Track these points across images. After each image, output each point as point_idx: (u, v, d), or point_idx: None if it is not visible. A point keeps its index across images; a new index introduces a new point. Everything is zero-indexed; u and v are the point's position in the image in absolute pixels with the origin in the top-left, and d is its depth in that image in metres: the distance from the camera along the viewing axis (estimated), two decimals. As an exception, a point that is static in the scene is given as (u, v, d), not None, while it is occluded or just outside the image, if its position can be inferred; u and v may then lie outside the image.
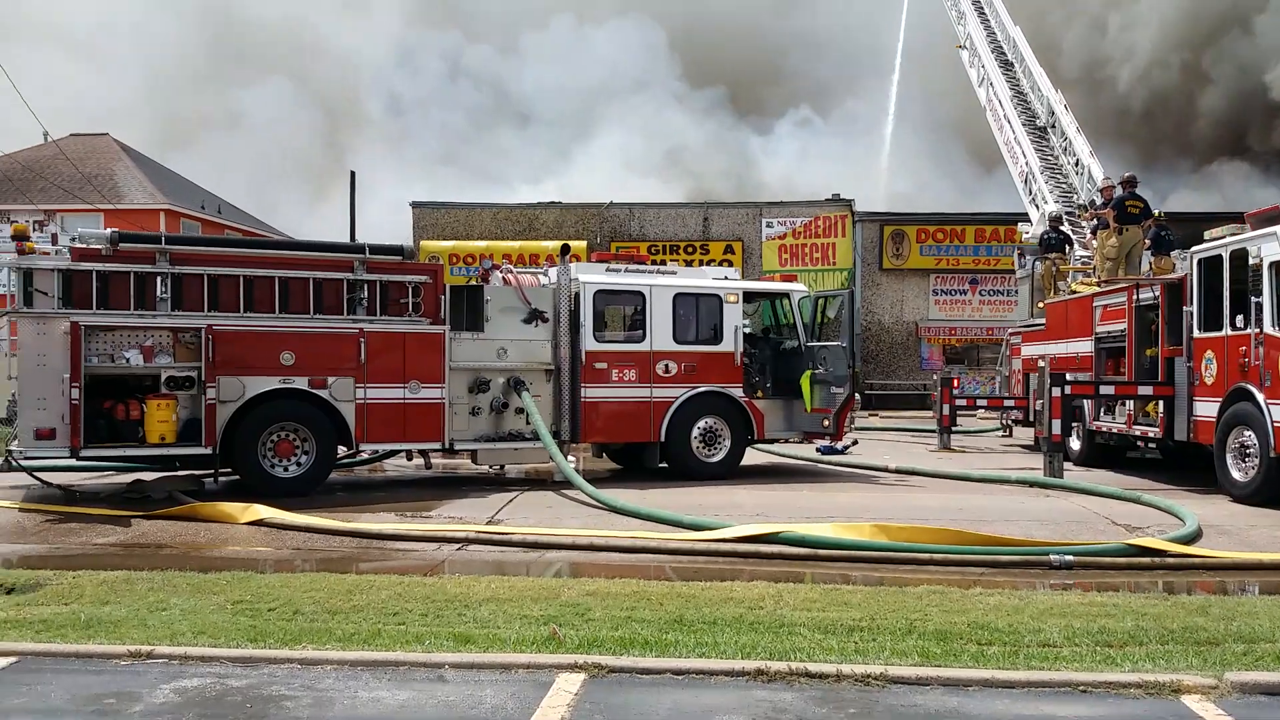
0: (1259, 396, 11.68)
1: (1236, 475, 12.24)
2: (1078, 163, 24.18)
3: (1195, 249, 13.29)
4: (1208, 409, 12.85)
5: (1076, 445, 16.58)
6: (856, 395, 15.40)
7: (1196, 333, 13.16)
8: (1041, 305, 19.91)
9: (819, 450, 16.35)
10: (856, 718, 4.93)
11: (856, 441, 17.61)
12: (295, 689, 5.26)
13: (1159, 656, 5.79)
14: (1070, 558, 8.61)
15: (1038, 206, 24.28)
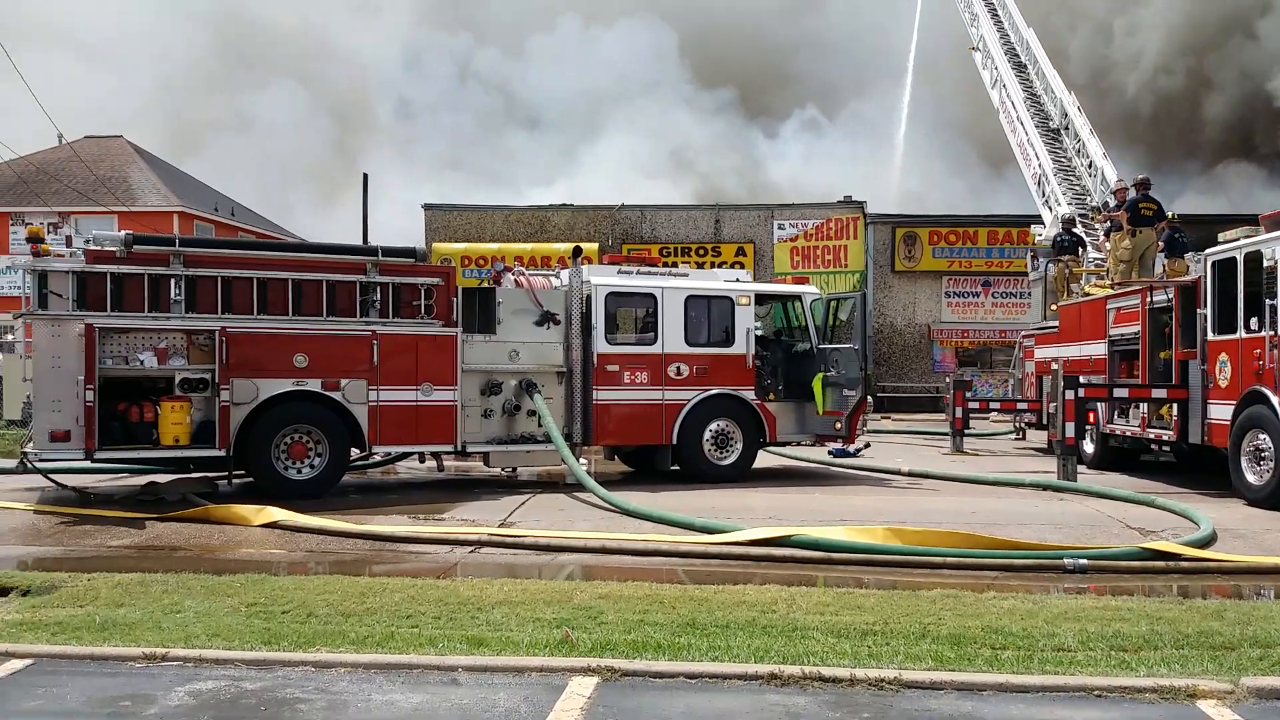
0: (1274, 399, 11.62)
1: (1251, 479, 12.18)
2: (1091, 165, 24.14)
3: (1209, 251, 13.23)
4: (1222, 412, 12.79)
5: (1090, 448, 16.52)
6: (869, 398, 15.38)
7: (1211, 335, 13.10)
8: (1054, 308, 19.85)
9: (831, 453, 16.32)
10: (870, 722, 4.93)
11: (869, 444, 17.53)
12: (309, 691, 5.28)
13: (1174, 661, 5.77)
14: (1084, 561, 8.59)
15: (1051, 208, 24.22)
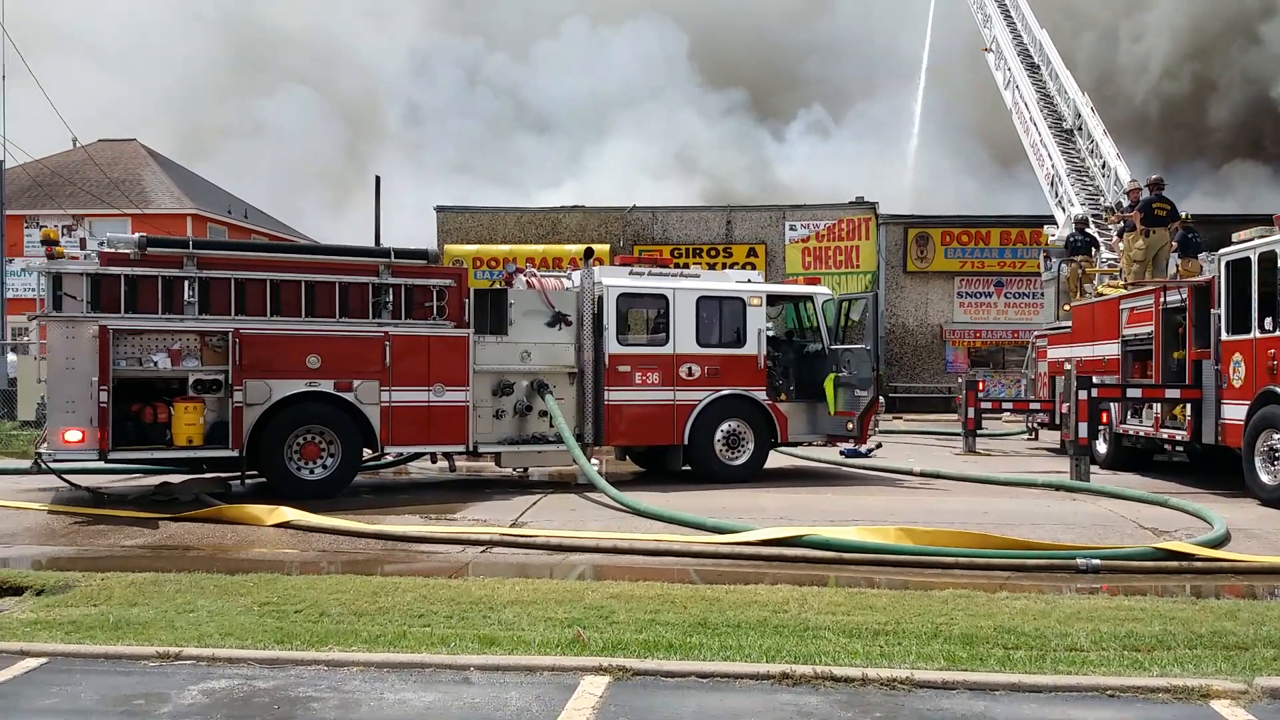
0: (1288, 399, 11.57)
1: (1265, 479, 12.12)
2: (1104, 165, 24.03)
3: (1223, 251, 13.17)
4: (1236, 412, 12.72)
5: (1103, 449, 16.46)
6: (880, 398, 15.37)
7: (1224, 335, 13.04)
8: (1067, 308, 19.78)
9: (843, 453, 16.29)
10: (882, 722, 4.92)
11: (880, 444, 17.50)
12: (322, 690, 5.30)
13: (1187, 661, 5.74)
14: (1097, 561, 8.56)
15: (1064, 209, 24.14)
